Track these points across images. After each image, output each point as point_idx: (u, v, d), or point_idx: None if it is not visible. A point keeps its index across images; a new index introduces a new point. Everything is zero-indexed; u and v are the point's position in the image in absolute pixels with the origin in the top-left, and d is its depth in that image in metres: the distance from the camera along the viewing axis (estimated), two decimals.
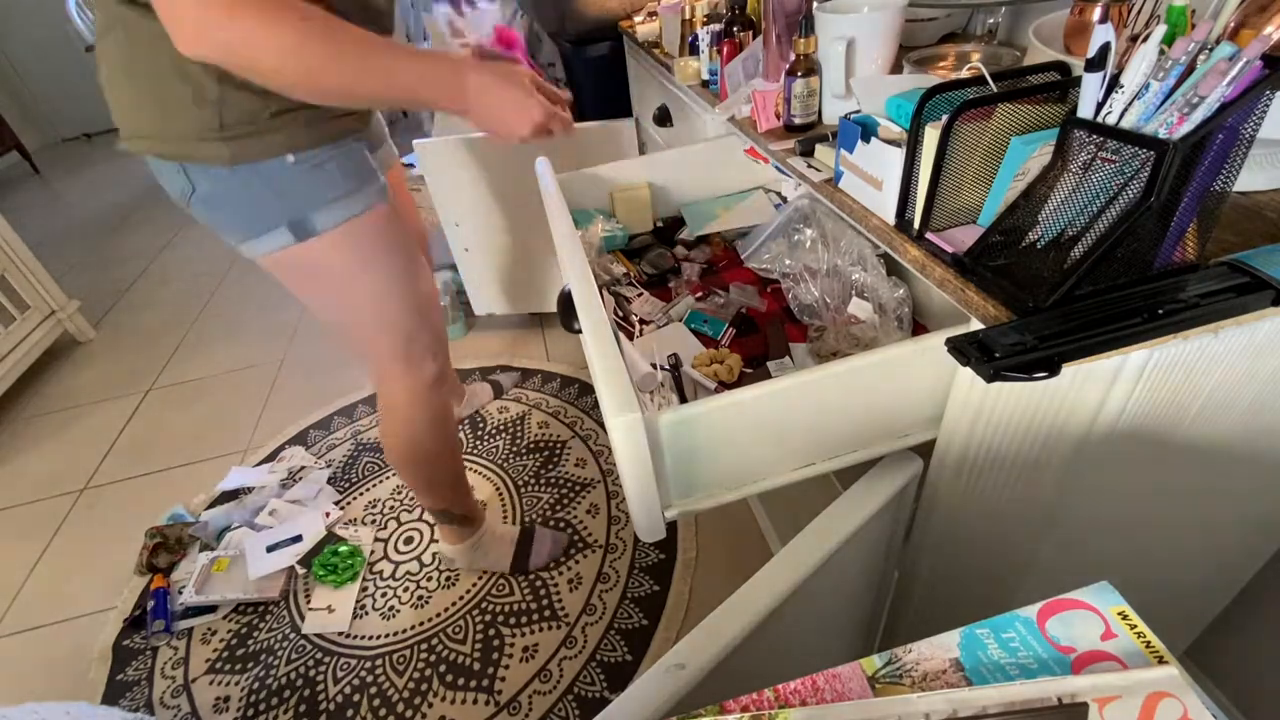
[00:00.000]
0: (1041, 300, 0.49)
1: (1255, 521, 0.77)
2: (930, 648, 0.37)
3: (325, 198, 0.85)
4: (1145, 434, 0.57)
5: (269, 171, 0.81)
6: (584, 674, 1.22)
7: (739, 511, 1.44)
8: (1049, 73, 0.57)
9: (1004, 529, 0.68)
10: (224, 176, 0.80)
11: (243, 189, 0.82)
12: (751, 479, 0.67)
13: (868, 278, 0.84)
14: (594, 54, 1.79)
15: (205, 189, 0.82)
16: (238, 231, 0.86)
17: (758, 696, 0.36)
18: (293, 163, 0.82)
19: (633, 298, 0.96)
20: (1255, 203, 0.59)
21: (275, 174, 0.82)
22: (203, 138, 0.77)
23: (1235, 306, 0.48)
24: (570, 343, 2.04)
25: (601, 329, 0.66)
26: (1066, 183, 0.51)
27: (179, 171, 0.81)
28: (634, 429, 0.56)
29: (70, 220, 3.66)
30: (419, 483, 1.25)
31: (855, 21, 0.78)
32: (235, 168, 0.80)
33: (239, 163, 0.79)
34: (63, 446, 1.97)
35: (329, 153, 0.84)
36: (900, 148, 0.60)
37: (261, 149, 0.79)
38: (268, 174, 0.81)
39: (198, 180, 0.81)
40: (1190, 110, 0.43)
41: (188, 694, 1.28)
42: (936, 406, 0.66)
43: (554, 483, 1.59)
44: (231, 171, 0.80)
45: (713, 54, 1.08)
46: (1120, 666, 0.34)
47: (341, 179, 0.86)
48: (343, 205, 0.87)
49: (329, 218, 0.86)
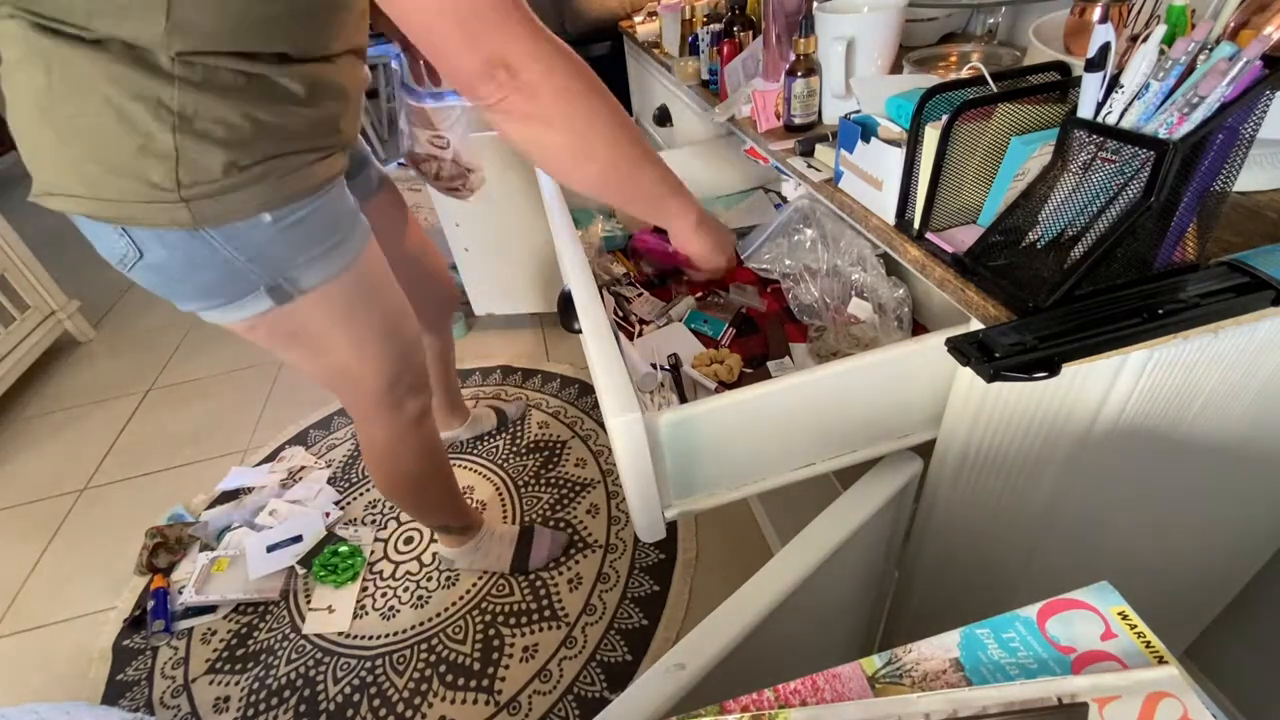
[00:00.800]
0: (1041, 300, 0.49)
1: (1255, 521, 0.77)
2: (930, 648, 0.37)
3: (308, 255, 0.76)
4: (1145, 434, 0.57)
5: (240, 234, 0.70)
6: (584, 674, 1.21)
7: (739, 511, 1.44)
8: (1049, 73, 0.57)
9: (1004, 529, 0.68)
10: (182, 241, 0.68)
11: (208, 255, 0.70)
12: (751, 479, 0.67)
13: (867, 278, 0.84)
14: (594, 54, 1.79)
15: (157, 256, 0.69)
16: (200, 300, 0.74)
17: (758, 696, 0.36)
18: (270, 222, 0.71)
19: (633, 298, 0.96)
20: (1255, 203, 0.59)
21: (250, 236, 0.70)
22: (152, 199, 0.65)
23: (1235, 306, 0.48)
24: (570, 343, 2.04)
25: (601, 329, 0.66)
26: (1066, 183, 0.51)
27: (119, 235, 0.68)
28: (634, 429, 0.56)
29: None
30: (411, 508, 1.25)
31: (855, 21, 0.78)
32: (195, 231, 0.68)
33: (203, 227, 0.68)
34: (63, 446, 1.97)
35: (310, 204, 0.74)
36: (900, 148, 0.60)
37: (231, 209, 0.68)
38: (241, 237, 0.70)
39: (146, 246, 0.69)
40: (1190, 110, 0.43)
41: (188, 694, 1.27)
42: (936, 406, 0.66)
43: (554, 483, 1.59)
44: (191, 235, 0.68)
45: (713, 54, 1.08)
46: (1120, 666, 0.34)
47: (325, 231, 0.77)
48: (327, 260, 0.78)
49: (314, 275, 0.77)
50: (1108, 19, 0.46)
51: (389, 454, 1.07)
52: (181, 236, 0.68)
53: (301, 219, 0.74)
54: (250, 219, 0.69)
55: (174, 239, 0.68)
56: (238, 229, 0.69)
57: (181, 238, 0.68)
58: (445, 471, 1.21)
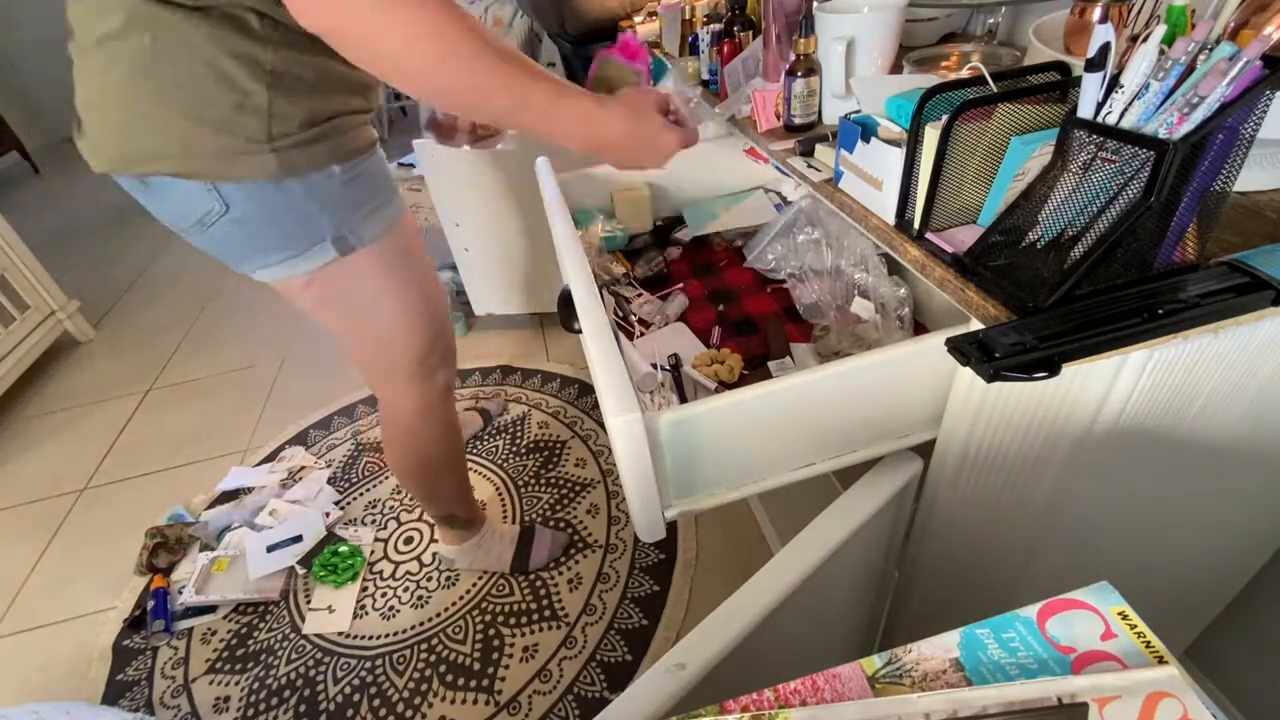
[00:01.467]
0: (1041, 300, 0.49)
1: (1255, 521, 0.77)
2: (930, 648, 0.37)
3: (366, 209, 0.82)
4: (1145, 434, 0.57)
5: (316, 184, 0.76)
6: (584, 674, 1.21)
7: (739, 511, 1.44)
8: (1049, 73, 0.57)
9: (1004, 529, 0.68)
10: (266, 192, 0.74)
11: (286, 205, 0.75)
12: (751, 479, 0.67)
13: (869, 278, 0.84)
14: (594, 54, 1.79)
15: (242, 209, 0.74)
16: (270, 254, 0.79)
17: (758, 696, 0.36)
18: (339, 173, 0.77)
19: (632, 298, 0.96)
20: (1255, 203, 0.59)
21: (322, 187, 0.77)
22: (246, 151, 0.70)
23: (1235, 306, 0.48)
24: (570, 343, 2.04)
25: (601, 329, 0.66)
26: (1066, 183, 0.51)
27: (208, 191, 0.72)
28: (634, 429, 0.56)
29: (70, 220, 3.66)
30: (423, 492, 1.24)
31: (855, 21, 0.78)
32: (280, 182, 0.73)
33: (287, 177, 0.73)
34: (63, 446, 1.97)
35: (363, 163, 0.81)
36: (900, 148, 0.60)
37: (310, 160, 0.74)
38: (315, 187, 0.76)
39: (233, 199, 0.73)
40: (1190, 110, 0.43)
41: (188, 694, 1.28)
42: (936, 406, 0.66)
43: (554, 483, 1.59)
44: (276, 186, 0.74)
45: (713, 54, 1.08)
46: (1120, 666, 0.34)
47: (376, 188, 0.83)
48: (383, 215, 0.84)
49: (372, 229, 0.83)
50: (1108, 19, 0.46)
51: (413, 429, 1.08)
52: (266, 188, 0.73)
53: (361, 173, 0.80)
54: (324, 169, 0.76)
55: (259, 190, 0.73)
56: (314, 180, 0.75)
57: (266, 189, 0.73)
58: (460, 456, 1.23)
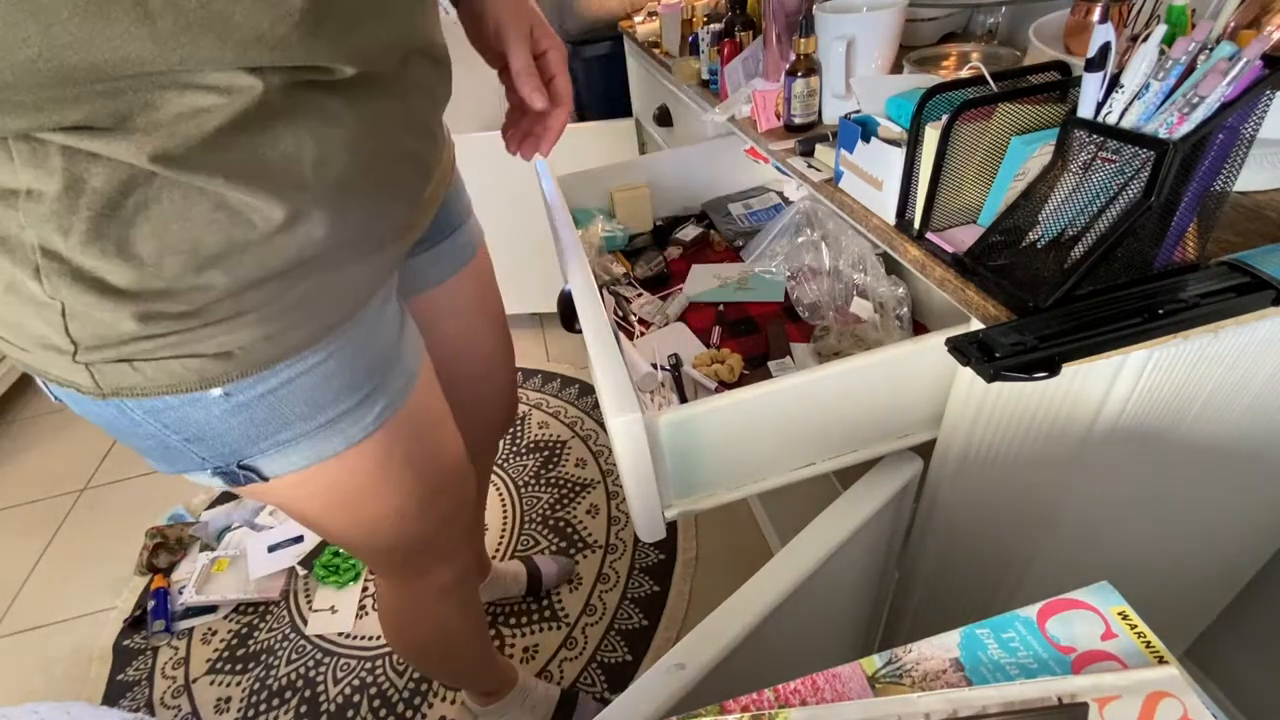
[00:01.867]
0: (1042, 300, 0.49)
1: (1255, 521, 0.77)
2: (930, 648, 0.37)
3: (283, 437, 0.51)
4: (1145, 434, 0.57)
5: (175, 410, 0.47)
6: (584, 674, 1.21)
7: (739, 511, 1.44)
8: (1049, 73, 0.57)
9: (1004, 529, 0.68)
10: (96, 406, 0.47)
11: (130, 426, 0.48)
12: (751, 479, 0.67)
13: (867, 278, 0.84)
14: (594, 54, 1.79)
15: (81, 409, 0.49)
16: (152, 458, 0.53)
17: (758, 696, 0.36)
18: (220, 396, 0.46)
19: (632, 298, 0.96)
20: (1255, 203, 0.59)
21: (187, 413, 0.47)
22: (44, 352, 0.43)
23: (1235, 306, 0.48)
24: (570, 343, 2.04)
25: (601, 329, 0.66)
26: (1066, 183, 0.51)
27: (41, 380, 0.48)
28: (634, 429, 0.56)
29: None
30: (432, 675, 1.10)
31: (855, 21, 0.78)
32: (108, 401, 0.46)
33: (114, 398, 0.45)
34: (63, 446, 1.97)
35: (295, 368, 0.48)
36: (900, 148, 0.60)
37: (156, 381, 0.44)
38: (172, 413, 0.47)
39: (61, 398, 0.49)
40: (1190, 110, 0.43)
41: (188, 694, 1.28)
42: (936, 406, 0.66)
43: (554, 483, 1.59)
44: (106, 403, 0.46)
45: (713, 54, 1.08)
46: (1120, 666, 0.34)
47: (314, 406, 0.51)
48: (318, 442, 0.53)
49: (289, 461, 0.53)
50: (1108, 19, 0.46)
51: (400, 623, 0.84)
52: (92, 401, 0.46)
53: (276, 389, 0.48)
54: (187, 394, 0.46)
55: (85, 400, 0.47)
56: (167, 403, 0.46)
57: (93, 403, 0.46)
58: (477, 644, 0.95)
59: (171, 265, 0.40)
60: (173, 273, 0.41)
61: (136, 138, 0.36)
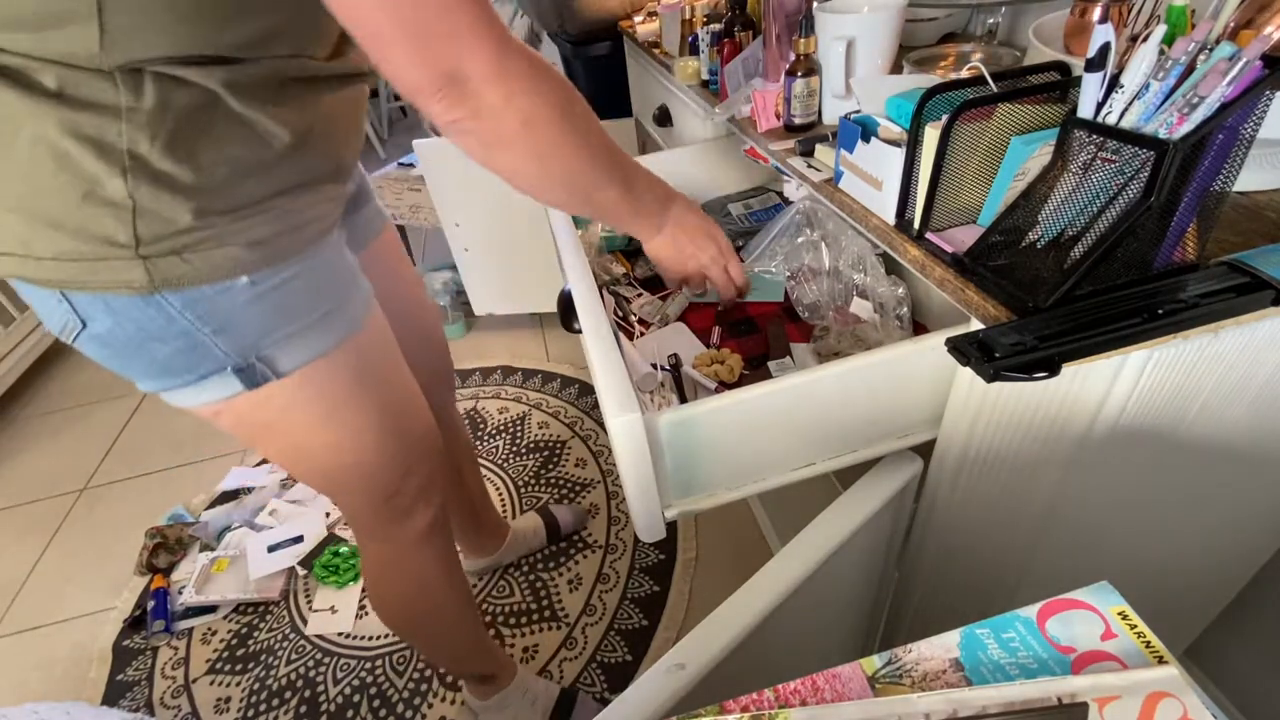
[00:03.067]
0: (1041, 300, 0.49)
1: (1255, 521, 0.77)
2: (930, 648, 0.37)
3: (290, 329, 0.60)
4: (1145, 434, 0.57)
5: (209, 300, 0.55)
6: (584, 674, 1.21)
7: (739, 511, 1.44)
8: (1049, 73, 0.57)
9: (1004, 529, 0.68)
10: (133, 308, 0.54)
11: (163, 325, 0.55)
12: (751, 479, 0.67)
13: (867, 279, 0.84)
14: (594, 54, 1.79)
15: (102, 326, 0.55)
16: (155, 379, 0.60)
17: (758, 696, 0.36)
18: (247, 284, 0.56)
19: (632, 298, 0.96)
20: (1255, 203, 0.59)
21: (218, 303, 0.56)
22: (102, 256, 0.51)
23: (1235, 306, 0.48)
24: (570, 343, 2.04)
25: (601, 329, 0.66)
26: (1066, 183, 0.51)
27: (58, 301, 0.54)
28: (634, 429, 0.56)
29: None
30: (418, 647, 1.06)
31: (855, 21, 0.78)
32: (154, 296, 0.54)
33: (163, 291, 0.53)
34: (63, 446, 1.97)
35: (299, 262, 0.60)
36: (900, 148, 0.60)
37: (201, 270, 0.54)
38: (207, 303, 0.55)
39: (89, 314, 0.55)
40: (1190, 110, 0.43)
41: (188, 694, 1.28)
42: (936, 406, 0.66)
43: (554, 483, 1.59)
44: (146, 301, 0.54)
45: (713, 54, 1.08)
46: (1120, 666, 0.34)
47: (315, 298, 0.62)
48: (315, 336, 0.62)
49: (295, 355, 0.62)
50: (1108, 19, 0.46)
51: (386, 577, 0.88)
52: (133, 302, 0.54)
53: (286, 281, 0.59)
54: (223, 282, 0.55)
55: (123, 305, 0.54)
56: (203, 294, 0.55)
57: (133, 304, 0.54)
58: (462, 605, 0.97)
59: (221, 172, 0.53)
60: (222, 177, 0.53)
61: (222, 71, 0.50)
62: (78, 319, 0.55)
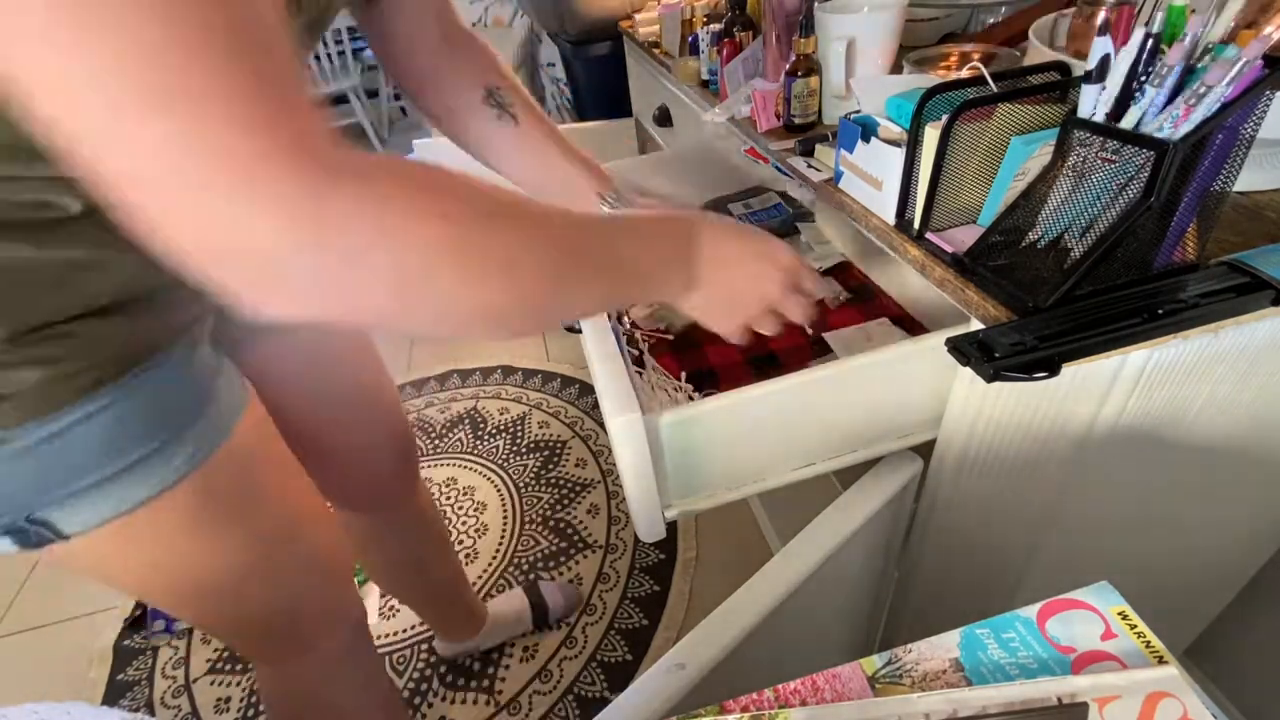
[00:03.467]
0: (1041, 300, 0.49)
1: (1255, 521, 0.77)
2: (930, 648, 0.37)
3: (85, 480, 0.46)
4: (1145, 434, 0.57)
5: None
6: (584, 674, 1.22)
7: (739, 511, 1.44)
8: (1049, 73, 0.57)
9: (1004, 529, 0.68)
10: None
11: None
12: (751, 479, 0.67)
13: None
14: (594, 54, 1.80)
15: None
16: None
17: (758, 696, 0.36)
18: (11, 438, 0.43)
19: None
20: (1255, 203, 0.59)
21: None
22: None
23: (1235, 306, 0.48)
24: (570, 343, 2.04)
25: (601, 329, 0.66)
26: (1066, 183, 0.51)
27: None
28: (634, 429, 0.56)
29: None
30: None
31: (855, 21, 0.78)
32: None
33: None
34: None
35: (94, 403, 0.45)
36: (900, 148, 0.60)
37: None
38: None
39: None
40: (1190, 110, 0.43)
41: (188, 694, 1.28)
42: (936, 406, 0.66)
43: (554, 483, 1.59)
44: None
45: (713, 54, 1.08)
46: (1120, 666, 0.34)
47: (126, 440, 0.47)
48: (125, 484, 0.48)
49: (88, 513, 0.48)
50: (1107, 31, 0.46)
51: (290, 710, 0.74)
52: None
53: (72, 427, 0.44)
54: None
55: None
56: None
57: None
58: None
59: None
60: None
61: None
62: None
